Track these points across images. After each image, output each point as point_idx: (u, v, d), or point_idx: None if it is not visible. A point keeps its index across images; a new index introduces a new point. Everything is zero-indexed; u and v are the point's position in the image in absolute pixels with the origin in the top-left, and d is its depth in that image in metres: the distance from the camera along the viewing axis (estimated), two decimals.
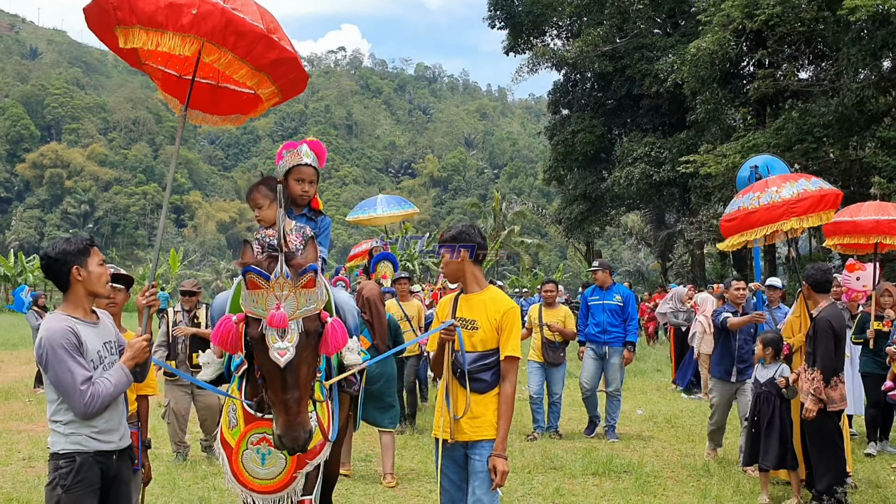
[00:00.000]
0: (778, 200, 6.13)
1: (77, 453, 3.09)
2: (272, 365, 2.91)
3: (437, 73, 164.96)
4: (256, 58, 3.41)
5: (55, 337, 3.04)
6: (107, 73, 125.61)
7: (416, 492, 6.03)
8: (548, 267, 60.85)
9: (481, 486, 3.49)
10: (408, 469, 6.78)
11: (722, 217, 7.00)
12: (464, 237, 3.67)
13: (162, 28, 3.28)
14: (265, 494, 3.37)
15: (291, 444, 2.94)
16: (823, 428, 5.50)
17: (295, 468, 3.37)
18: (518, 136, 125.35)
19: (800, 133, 20.38)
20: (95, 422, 3.14)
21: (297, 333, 2.91)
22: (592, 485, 6.21)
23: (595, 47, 27.29)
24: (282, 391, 2.92)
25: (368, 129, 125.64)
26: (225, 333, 3.05)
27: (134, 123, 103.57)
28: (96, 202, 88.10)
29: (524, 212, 47.57)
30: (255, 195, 3.78)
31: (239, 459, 3.35)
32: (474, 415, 3.54)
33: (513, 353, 3.54)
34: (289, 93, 3.83)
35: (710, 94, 23.75)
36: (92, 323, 3.24)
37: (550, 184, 36.55)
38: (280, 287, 2.92)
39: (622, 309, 8.19)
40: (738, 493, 5.85)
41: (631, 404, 10.31)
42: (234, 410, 3.42)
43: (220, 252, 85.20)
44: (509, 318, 3.56)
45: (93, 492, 3.13)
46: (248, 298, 2.97)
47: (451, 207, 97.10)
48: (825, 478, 5.41)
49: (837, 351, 5.67)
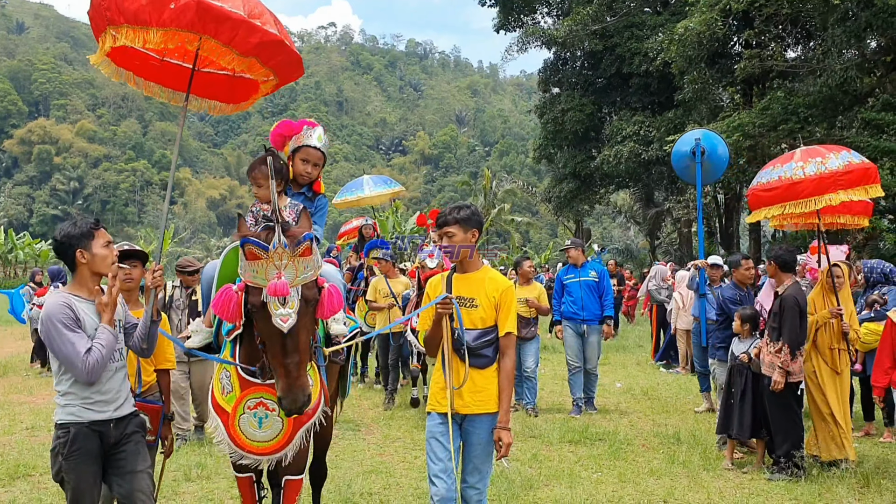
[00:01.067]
0: (826, 171, 5.99)
1: (72, 424, 3.27)
2: (274, 331, 3.07)
3: (428, 50, 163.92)
4: (240, 43, 3.50)
5: (53, 312, 3.21)
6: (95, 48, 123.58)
7: (401, 458, 6.39)
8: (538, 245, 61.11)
9: (479, 457, 3.64)
10: (395, 438, 7.13)
11: (753, 187, 6.75)
12: (475, 217, 3.76)
13: (146, 25, 3.42)
14: (263, 455, 3.48)
15: (291, 405, 3.09)
16: (784, 398, 5.85)
17: (292, 430, 3.48)
18: (509, 114, 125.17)
19: (785, 113, 20.54)
20: (89, 393, 3.28)
21: (297, 300, 3.08)
22: (568, 451, 6.57)
23: (584, 26, 27.36)
24: (283, 356, 3.08)
25: (359, 106, 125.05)
26: (226, 302, 3.20)
27: (123, 100, 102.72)
28: (85, 179, 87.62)
29: (514, 190, 47.74)
30: (256, 173, 3.88)
31: (236, 424, 3.43)
32: (477, 389, 3.63)
33: (511, 329, 3.66)
34: (285, 75, 3.91)
35: (697, 73, 23.82)
36: (93, 301, 3.37)
37: (540, 162, 36.70)
38: (279, 257, 3.08)
39: (598, 284, 8.33)
40: (705, 459, 6.21)
41: (611, 378, 10.69)
42: (228, 377, 3.49)
43: (211, 229, 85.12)
44: (507, 297, 3.69)
45: (92, 458, 3.29)
46: (248, 269, 3.12)
47: (442, 185, 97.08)
48: (785, 444, 5.77)
49: (802, 326, 6.01)
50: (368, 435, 7.28)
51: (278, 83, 3.97)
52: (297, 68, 3.94)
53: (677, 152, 9.02)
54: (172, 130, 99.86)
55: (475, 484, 3.66)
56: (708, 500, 5.18)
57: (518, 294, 8.26)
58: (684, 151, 8.80)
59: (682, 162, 8.96)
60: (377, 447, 6.78)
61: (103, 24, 3.55)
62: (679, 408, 8.62)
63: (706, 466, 6.01)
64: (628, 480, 5.63)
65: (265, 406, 3.40)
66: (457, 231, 3.70)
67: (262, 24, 3.50)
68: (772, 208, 6.34)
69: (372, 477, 5.73)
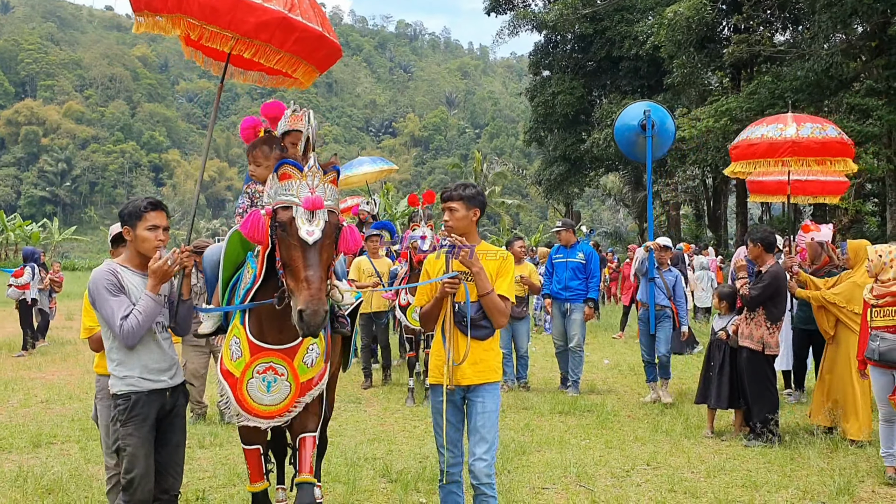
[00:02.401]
0: (802, 138, 6.78)
1: (133, 393, 3.40)
2: (299, 244, 3.18)
3: (418, 31, 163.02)
4: (239, 24, 3.62)
5: (98, 279, 3.39)
6: (81, 28, 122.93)
7: (402, 427, 6.75)
8: (528, 227, 61.41)
9: (485, 426, 3.65)
10: (394, 410, 7.49)
11: (737, 142, 7.42)
12: (480, 197, 3.82)
13: (157, 12, 3.66)
14: (269, 419, 3.57)
15: (311, 317, 3.08)
16: (760, 370, 6.24)
17: (298, 394, 3.55)
18: (500, 96, 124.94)
19: (772, 97, 20.71)
20: (146, 362, 3.42)
21: (324, 221, 3.22)
22: (559, 421, 6.94)
23: (575, 10, 27.48)
24: (305, 269, 3.16)
25: (349, 88, 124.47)
26: (255, 223, 3.35)
27: (111, 80, 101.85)
28: (73, 160, 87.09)
29: (505, 172, 48.00)
30: (257, 152, 3.96)
31: (244, 388, 3.52)
32: (477, 360, 3.68)
33: (503, 292, 3.69)
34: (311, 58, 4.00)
35: (686, 57, 23.94)
36: (142, 273, 3.48)
37: (530, 145, 36.94)
38: (312, 176, 3.26)
39: (584, 266, 8.43)
40: (687, 428, 6.60)
41: (599, 355, 11.08)
42: (238, 343, 3.57)
43: (200, 211, 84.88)
44: (505, 265, 3.77)
45: (149, 426, 3.42)
46: (280, 189, 3.28)
47: (433, 167, 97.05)
48: (761, 412, 6.16)
49: (783, 302, 6.41)
50: (369, 407, 7.64)
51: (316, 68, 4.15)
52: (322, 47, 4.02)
53: (623, 126, 8.39)
54: (161, 112, 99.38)
55: (482, 455, 3.63)
56: (688, 463, 5.56)
57: None
58: (631, 125, 8.24)
59: (629, 137, 8.39)
60: (378, 418, 7.14)
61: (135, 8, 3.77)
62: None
63: (687, 434, 6.40)
64: (614, 446, 6.01)
65: (274, 370, 3.50)
66: (460, 207, 3.75)
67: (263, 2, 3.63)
68: (749, 162, 7.07)
69: (375, 444, 6.09)
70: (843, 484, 4.90)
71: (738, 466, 5.45)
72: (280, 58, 3.83)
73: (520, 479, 5.15)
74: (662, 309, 7.88)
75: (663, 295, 7.89)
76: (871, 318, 5.29)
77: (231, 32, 3.66)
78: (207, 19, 3.62)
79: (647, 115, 8.02)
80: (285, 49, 3.78)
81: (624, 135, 8.46)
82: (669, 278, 8.00)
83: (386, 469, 5.33)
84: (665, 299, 7.89)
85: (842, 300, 6.28)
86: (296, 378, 3.52)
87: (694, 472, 5.33)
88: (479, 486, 3.62)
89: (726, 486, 4.98)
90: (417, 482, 5.03)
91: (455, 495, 3.77)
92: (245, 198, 4.05)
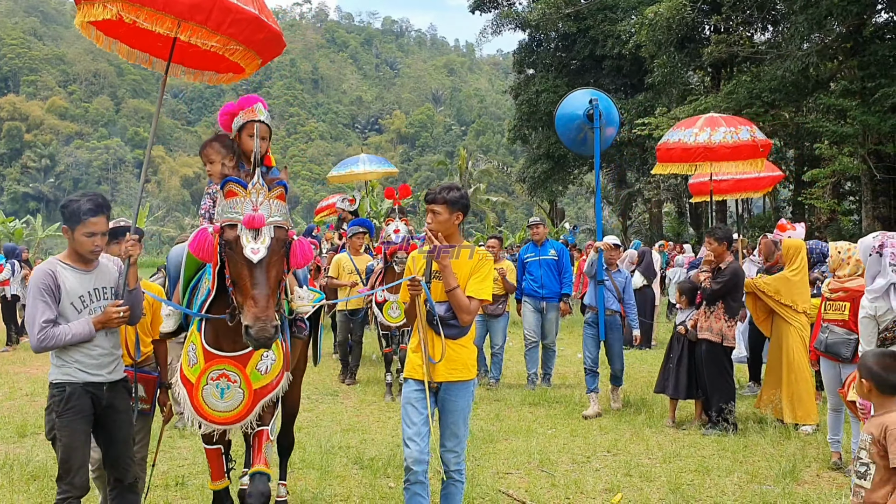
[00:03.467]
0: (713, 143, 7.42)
1: (67, 383, 3.45)
2: (245, 263, 3.21)
3: (404, 28, 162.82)
4: (172, 5, 3.58)
5: (35, 278, 3.47)
6: (65, 23, 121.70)
7: (376, 419, 7.02)
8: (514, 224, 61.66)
9: (456, 423, 3.76)
10: (369, 402, 7.74)
11: (659, 144, 8.12)
12: (463, 200, 3.85)
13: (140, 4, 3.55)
14: (224, 425, 3.61)
15: (259, 333, 3.14)
16: (718, 361, 6.55)
17: (253, 400, 3.57)
18: (486, 93, 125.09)
19: (749, 97, 21.00)
20: (80, 356, 3.45)
21: (269, 238, 3.24)
22: (527, 412, 7.22)
23: (557, 9, 27.75)
24: (252, 287, 3.19)
25: (335, 84, 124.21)
26: (202, 242, 3.37)
27: (94, 76, 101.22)
28: (57, 156, 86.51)
29: (490, 170, 48.28)
30: (208, 150, 3.97)
31: (199, 394, 3.55)
32: (450, 358, 3.74)
33: (472, 293, 3.73)
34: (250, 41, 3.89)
35: (667, 57, 24.16)
36: (83, 270, 3.56)
37: (515, 143, 37.20)
38: (256, 193, 3.27)
39: (557, 263, 8.59)
40: (649, 418, 6.89)
41: (574, 349, 11.37)
42: (194, 350, 3.60)
43: (185, 207, 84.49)
44: (481, 265, 3.77)
45: (83, 418, 3.46)
46: (226, 207, 3.31)
47: (419, 164, 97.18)
48: (718, 402, 6.46)
49: (740, 297, 6.72)
50: (346, 400, 7.90)
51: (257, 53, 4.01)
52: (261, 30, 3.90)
53: (567, 116, 7.67)
54: (146, 108, 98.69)
55: (453, 448, 3.77)
56: (646, 450, 5.84)
57: None
58: (576, 115, 7.51)
59: (573, 128, 7.67)
60: (353, 410, 7.40)
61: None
62: (631, 376, 9.23)
63: (649, 424, 6.69)
64: (578, 435, 6.29)
65: (227, 377, 3.53)
66: (443, 210, 3.78)
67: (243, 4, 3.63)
68: (668, 165, 7.92)
69: (349, 434, 6.35)
70: (789, 468, 5.20)
71: (693, 453, 5.75)
72: (217, 40, 3.77)
73: (485, 465, 5.41)
74: (613, 314, 7.41)
75: (613, 298, 7.42)
76: (825, 310, 5.58)
77: (166, 14, 3.61)
78: (143, 1, 3.57)
79: (595, 105, 7.32)
80: (221, 31, 3.74)
81: (568, 126, 7.75)
82: (620, 280, 7.56)
83: (358, 457, 5.58)
84: (615, 303, 7.42)
85: (770, 290, 6.69)
86: (248, 385, 3.55)
87: (651, 459, 5.61)
88: (448, 471, 3.77)
89: (679, 471, 5.27)
90: (387, 468, 5.30)
91: (419, 497, 3.72)
92: (207, 199, 4.06)
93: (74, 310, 3.50)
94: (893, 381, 3.14)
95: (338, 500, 4.71)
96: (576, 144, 7.96)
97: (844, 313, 5.38)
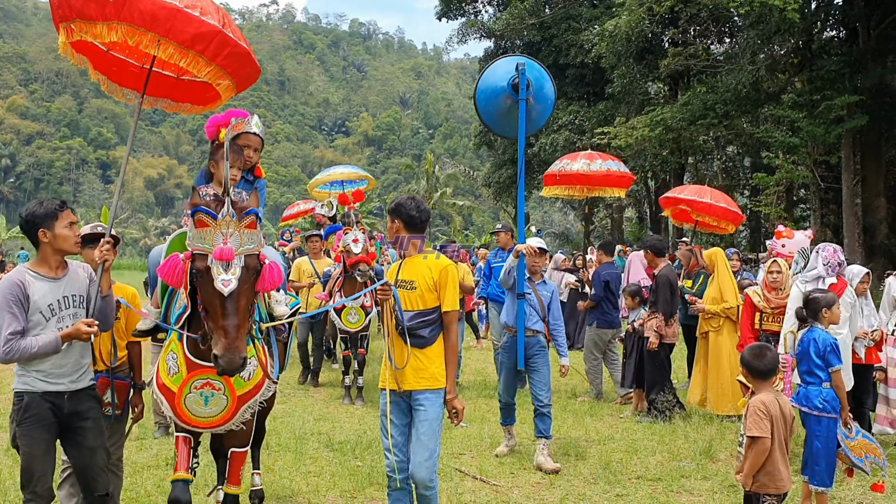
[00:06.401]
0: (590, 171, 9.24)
1: (25, 393, 3.44)
2: (216, 294, 3.21)
3: (371, 30, 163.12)
4: (177, 34, 3.56)
5: (3, 288, 3.44)
6: (26, 20, 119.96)
7: (345, 410, 7.68)
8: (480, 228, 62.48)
9: (426, 433, 3.76)
10: (338, 395, 8.39)
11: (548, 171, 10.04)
12: (400, 209, 3.95)
13: (93, 20, 3.56)
14: (209, 428, 3.67)
15: (228, 364, 3.19)
16: (657, 356, 7.30)
17: (236, 406, 3.63)
18: (453, 97, 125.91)
19: (704, 108, 21.80)
20: (44, 366, 3.44)
21: (240, 268, 3.24)
22: (483, 403, 7.92)
23: (522, 20, 28.51)
24: (222, 318, 3.21)
25: (301, 86, 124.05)
26: (172, 268, 3.36)
27: (57, 75, 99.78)
28: (18, 156, 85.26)
29: (456, 174, 49.02)
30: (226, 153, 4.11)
31: (182, 402, 3.56)
32: (419, 367, 3.79)
33: (451, 307, 3.83)
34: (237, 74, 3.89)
35: (626, 68, 24.80)
36: (52, 278, 3.53)
37: (480, 148, 37.98)
38: (226, 225, 3.26)
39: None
40: (591, 408, 7.69)
41: None
42: (175, 359, 3.60)
43: (149, 209, 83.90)
44: (445, 276, 3.84)
45: (43, 426, 3.44)
46: (196, 236, 3.28)
47: (386, 167, 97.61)
48: (657, 392, 7.21)
49: (673, 299, 7.47)
50: (316, 393, 8.58)
51: (231, 83, 3.93)
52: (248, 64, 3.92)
53: (489, 89, 6.14)
54: (109, 108, 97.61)
55: (424, 461, 3.74)
56: (584, 434, 6.59)
57: None
58: (498, 87, 6.00)
59: (495, 102, 6.13)
60: (324, 402, 8.06)
61: (57, 21, 3.76)
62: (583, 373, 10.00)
63: (591, 413, 7.45)
64: (526, 422, 6.93)
65: (212, 386, 3.56)
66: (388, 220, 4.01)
67: (201, 15, 3.58)
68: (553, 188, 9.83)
69: (320, 422, 7.00)
70: (706, 448, 5.96)
71: (625, 436, 6.52)
72: (210, 70, 3.79)
73: (442, 447, 6.02)
74: (535, 335, 5.89)
75: (537, 316, 5.93)
76: (760, 321, 6.19)
77: (169, 41, 3.61)
78: (147, 26, 3.59)
79: (521, 71, 5.80)
80: (216, 62, 3.77)
81: (489, 100, 6.21)
82: (545, 293, 6.04)
83: (329, 441, 6.23)
84: (538, 322, 5.91)
85: (717, 307, 7.54)
86: (233, 392, 3.60)
87: (587, 442, 6.35)
88: (420, 490, 3.81)
89: (611, 451, 6.02)
90: (355, 450, 5.97)
91: (400, 502, 3.88)
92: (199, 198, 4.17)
93: (43, 318, 3.48)
94: (759, 367, 3.87)
95: (311, 477, 5.34)
96: (499, 123, 6.40)
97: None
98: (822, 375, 4.52)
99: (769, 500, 3.71)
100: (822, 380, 4.52)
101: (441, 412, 3.86)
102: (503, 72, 6.04)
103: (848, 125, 18.52)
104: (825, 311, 4.65)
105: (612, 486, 5.22)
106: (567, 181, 9.62)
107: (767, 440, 3.67)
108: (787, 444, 3.81)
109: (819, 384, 4.52)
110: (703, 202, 8.66)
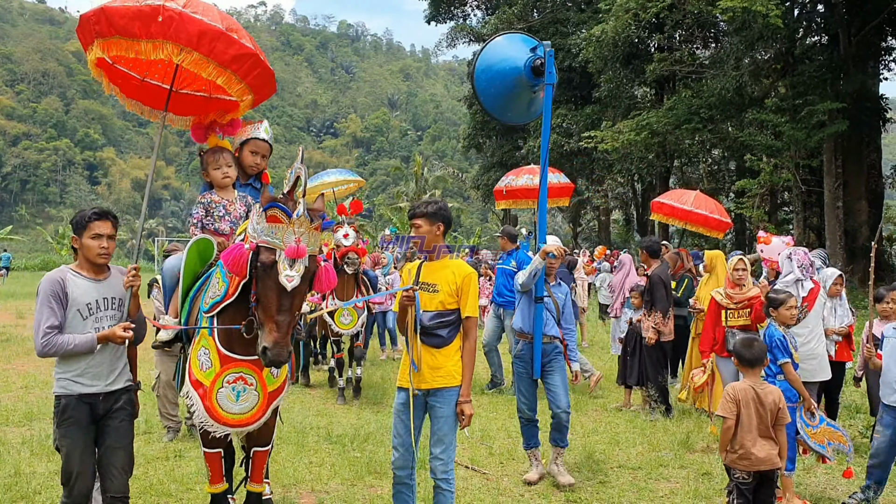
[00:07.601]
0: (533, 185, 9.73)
1: (63, 396, 3.58)
2: (277, 288, 3.31)
3: (360, 32, 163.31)
4: (219, 54, 3.78)
5: (44, 284, 3.57)
6: (12, 21, 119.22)
7: (341, 406, 7.98)
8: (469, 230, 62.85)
9: (442, 428, 3.89)
10: (335, 393, 8.67)
11: (498, 186, 10.96)
12: (442, 213, 4.07)
13: (136, 37, 3.74)
14: (237, 427, 3.71)
15: (276, 357, 3.27)
16: (655, 353, 7.65)
17: (266, 403, 3.71)
18: (441, 99, 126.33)
19: (689, 113, 22.10)
20: (79, 368, 3.57)
21: (304, 267, 3.34)
22: (474, 400, 8.20)
23: (510, 24, 28.85)
24: (278, 312, 3.30)
25: (289, 87, 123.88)
26: (237, 257, 3.43)
27: (43, 76, 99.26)
28: (4, 157, 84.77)
29: (445, 176, 49.38)
30: (218, 157, 4.27)
31: (213, 397, 3.62)
32: (436, 365, 3.91)
33: (471, 313, 3.97)
34: (260, 91, 4.19)
35: (613, 73, 25.13)
36: (93, 279, 3.67)
37: (469, 151, 38.35)
38: (300, 224, 3.35)
39: (515, 273, 8.76)
40: (577, 403, 7.98)
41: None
42: (207, 353, 3.66)
43: (136, 210, 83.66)
44: (468, 283, 3.97)
45: (80, 428, 3.57)
46: (266, 230, 3.36)
47: (374, 168, 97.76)
48: (655, 386, 7.57)
49: (668, 297, 7.80)
50: (313, 390, 8.90)
51: (253, 98, 4.19)
52: (271, 83, 4.25)
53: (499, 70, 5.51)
54: (96, 109, 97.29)
55: (439, 455, 3.87)
56: (571, 427, 6.87)
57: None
58: (515, 68, 5.41)
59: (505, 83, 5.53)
60: (322, 399, 8.39)
61: (91, 38, 3.91)
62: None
63: (577, 408, 7.77)
64: (515, 416, 7.29)
65: (244, 380, 3.65)
66: (423, 223, 4.06)
67: (239, 38, 3.86)
68: (502, 202, 10.93)
69: (319, 417, 7.34)
70: (684, 439, 6.34)
71: (608, 429, 6.89)
72: (240, 87, 4.04)
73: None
74: (551, 341, 5.59)
75: (552, 321, 5.60)
76: (726, 318, 6.52)
77: (211, 60, 3.82)
78: (193, 46, 3.77)
79: (550, 53, 5.25)
80: (247, 81, 4.04)
81: (498, 83, 5.55)
82: (559, 296, 5.75)
83: (328, 434, 6.56)
84: (554, 327, 5.58)
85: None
86: (264, 388, 3.69)
87: (574, 434, 6.68)
88: (436, 480, 3.92)
89: (595, 443, 6.40)
90: (353, 442, 6.31)
91: (404, 495, 4.01)
92: (200, 208, 4.24)
93: (80, 315, 3.59)
94: (746, 356, 4.27)
95: (313, 467, 5.67)
96: (499, 105, 5.85)
97: (747, 319, 6.39)
98: (773, 368, 4.90)
99: (740, 473, 4.13)
100: (775, 372, 4.89)
101: (456, 409, 3.96)
102: (513, 51, 5.43)
103: (829, 130, 18.89)
104: (772, 310, 5.07)
105: (595, 474, 5.59)
106: (513, 196, 10.72)
107: (731, 420, 4.11)
108: (770, 430, 4.12)
109: (773, 377, 4.88)
110: (699, 213, 9.10)
